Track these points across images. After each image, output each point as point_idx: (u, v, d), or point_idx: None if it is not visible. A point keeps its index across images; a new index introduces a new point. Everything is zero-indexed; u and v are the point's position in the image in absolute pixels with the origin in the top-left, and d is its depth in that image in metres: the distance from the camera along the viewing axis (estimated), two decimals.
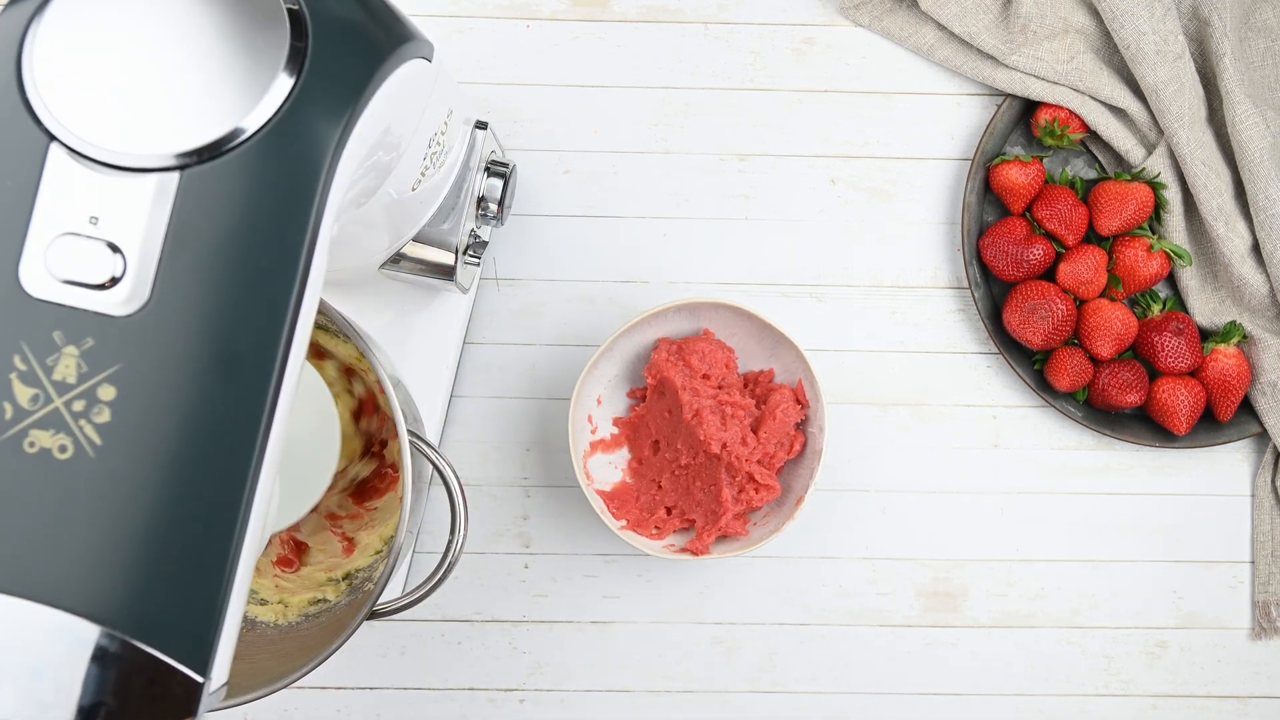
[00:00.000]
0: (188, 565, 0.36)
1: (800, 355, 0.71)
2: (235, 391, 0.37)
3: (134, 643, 0.35)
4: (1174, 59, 0.74)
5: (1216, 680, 0.77)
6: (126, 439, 0.36)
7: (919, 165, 0.79)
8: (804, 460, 0.73)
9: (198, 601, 0.36)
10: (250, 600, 0.69)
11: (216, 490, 0.37)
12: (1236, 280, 0.75)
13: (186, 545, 0.36)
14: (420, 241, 0.66)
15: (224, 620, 0.37)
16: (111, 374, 0.36)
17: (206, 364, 0.37)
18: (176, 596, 0.36)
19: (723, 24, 0.79)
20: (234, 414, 0.37)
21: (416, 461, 0.60)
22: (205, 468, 0.37)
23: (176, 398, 0.37)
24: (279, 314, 0.38)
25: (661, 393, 0.73)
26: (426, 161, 0.55)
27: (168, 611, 0.35)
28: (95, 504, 0.36)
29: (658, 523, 0.73)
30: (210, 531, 0.37)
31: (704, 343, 0.72)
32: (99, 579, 0.35)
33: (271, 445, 0.38)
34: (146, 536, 0.36)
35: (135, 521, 0.36)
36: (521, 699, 0.77)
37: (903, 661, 0.77)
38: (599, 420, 0.75)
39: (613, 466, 0.75)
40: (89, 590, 0.35)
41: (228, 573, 0.37)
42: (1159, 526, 0.78)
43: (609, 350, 0.72)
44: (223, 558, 0.37)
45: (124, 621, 0.35)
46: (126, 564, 0.35)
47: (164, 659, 0.35)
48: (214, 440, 0.37)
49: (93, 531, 0.35)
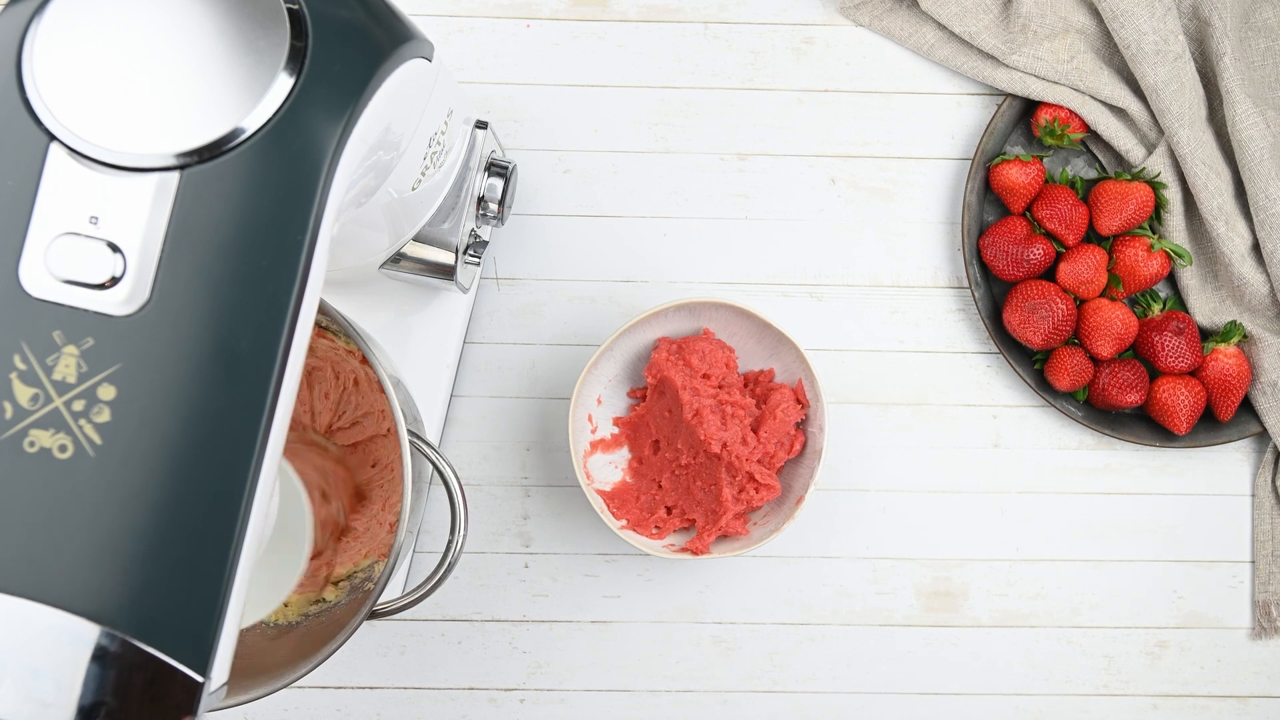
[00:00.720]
0: (188, 565, 0.36)
1: (800, 355, 0.71)
2: (236, 391, 0.37)
3: (134, 642, 0.34)
4: (1174, 59, 0.74)
5: (1216, 680, 0.77)
6: (126, 438, 0.36)
7: (919, 165, 0.79)
8: (804, 460, 0.73)
9: (197, 601, 0.36)
10: (249, 600, 0.69)
11: (216, 490, 0.37)
12: (1237, 280, 0.75)
13: (186, 545, 0.36)
14: (420, 241, 0.66)
15: (224, 620, 0.36)
16: (111, 374, 0.36)
17: (207, 363, 0.37)
18: (176, 596, 0.36)
19: (723, 24, 0.79)
20: (234, 413, 0.37)
21: (416, 461, 0.60)
22: (205, 467, 0.37)
23: (177, 397, 0.37)
24: (279, 313, 0.38)
25: (661, 392, 0.73)
26: (427, 161, 0.55)
27: (168, 611, 0.35)
28: (95, 504, 0.36)
29: (658, 522, 0.73)
30: (210, 531, 0.37)
31: (704, 342, 0.72)
32: (99, 578, 0.35)
33: (272, 445, 0.38)
34: (146, 536, 0.36)
35: (135, 521, 0.36)
36: (521, 699, 0.77)
37: (903, 661, 0.77)
38: (599, 420, 0.75)
39: (613, 466, 0.75)
40: (89, 589, 0.35)
41: (228, 573, 0.37)
42: (1159, 526, 0.78)
43: (609, 350, 0.72)
44: (223, 558, 0.36)
45: (124, 621, 0.35)
46: (126, 563, 0.35)
47: (164, 658, 0.35)
48: (214, 440, 0.37)
49: (92, 531, 0.35)
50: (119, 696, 0.34)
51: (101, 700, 0.34)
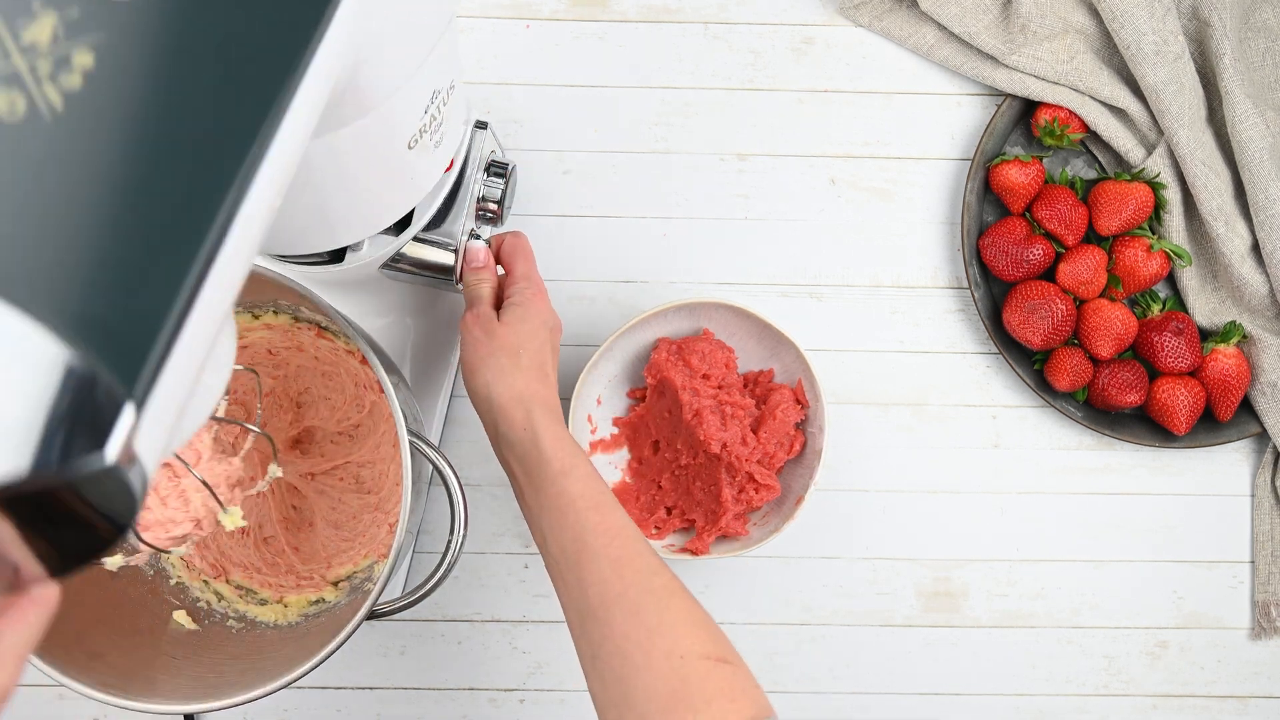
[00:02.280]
0: (137, 271, 0.31)
1: (800, 355, 0.71)
2: (233, 97, 0.33)
3: (60, 334, 0.29)
4: (1174, 59, 0.74)
5: (1216, 680, 0.77)
6: (94, 111, 0.31)
7: (919, 165, 0.79)
8: (804, 460, 0.73)
9: (142, 310, 0.31)
10: (250, 600, 0.69)
11: (186, 201, 0.32)
12: (1236, 280, 0.75)
13: (139, 249, 0.31)
14: (420, 241, 0.66)
15: (170, 352, 0.31)
16: (93, 42, 0.32)
17: (208, 59, 0.33)
18: (117, 297, 0.30)
19: (723, 24, 0.79)
20: (228, 121, 0.33)
21: (416, 461, 0.60)
22: (180, 170, 0.32)
23: (164, 85, 0.32)
24: (296, 30, 0.34)
25: (661, 393, 0.73)
26: (427, 117, 0.54)
27: (104, 310, 0.30)
28: (35, 175, 0.31)
29: (658, 522, 0.73)
30: (170, 243, 0.31)
31: (704, 343, 0.72)
32: (28, 259, 0.30)
33: (263, 180, 0.34)
34: (95, 225, 0.31)
35: (84, 204, 0.31)
36: (521, 699, 0.77)
37: (903, 661, 0.77)
38: (599, 420, 0.75)
39: (613, 467, 0.75)
40: (13, 271, 0.30)
41: (184, 296, 0.31)
42: (1159, 526, 0.78)
43: (609, 350, 0.72)
44: (179, 277, 0.31)
45: (54, 312, 0.29)
46: (64, 248, 0.30)
47: (89, 359, 0.29)
48: (199, 145, 0.33)
49: (28, 207, 0.30)
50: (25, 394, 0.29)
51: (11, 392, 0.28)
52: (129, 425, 0.30)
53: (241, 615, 0.68)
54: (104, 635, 0.62)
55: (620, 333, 0.71)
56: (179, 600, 0.68)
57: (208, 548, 0.70)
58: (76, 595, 0.62)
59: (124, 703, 0.57)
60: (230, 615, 0.68)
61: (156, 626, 0.65)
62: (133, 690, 0.58)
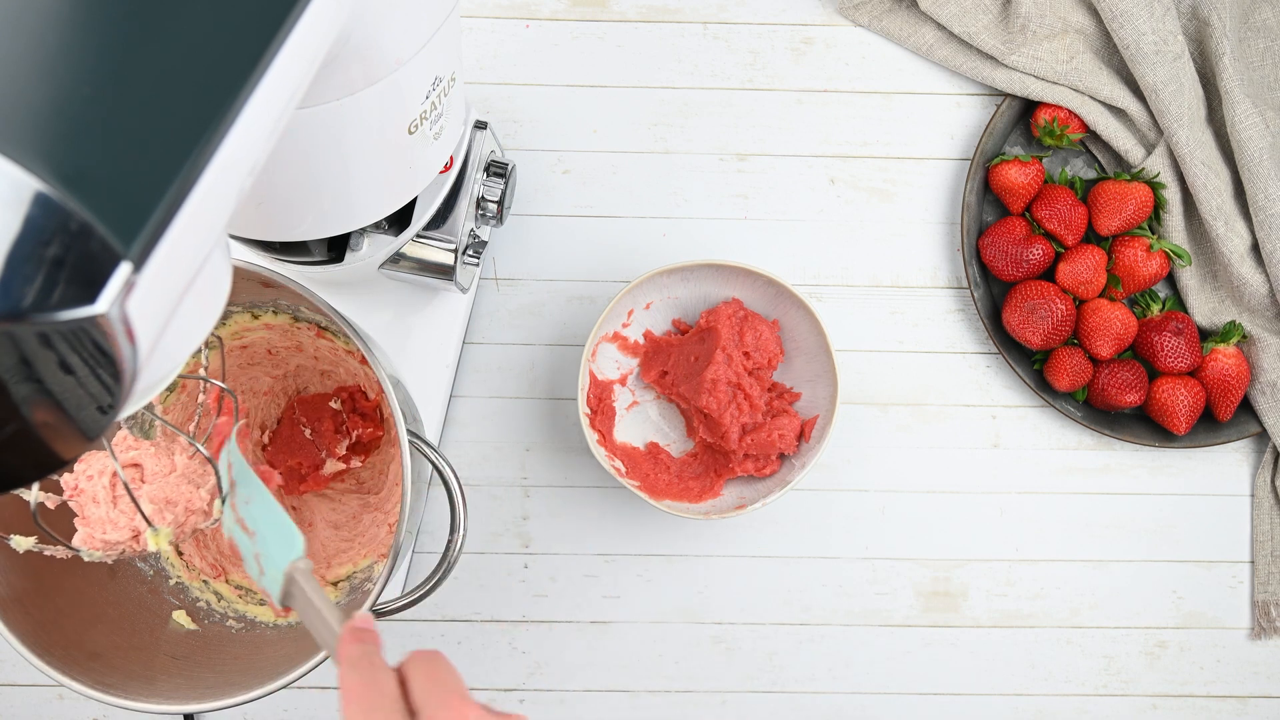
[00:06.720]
0: (144, 135, 0.30)
1: (834, 401, 0.70)
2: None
3: (57, 190, 0.28)
4: (1173, 59, 0.74)
5: (1216, 680, 0.77)
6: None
7: (919, 165, 0.79)
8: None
9: (147, 172, 0.30)
10: (249, 600, 0.69)
11: (207, 79, 0.31)
12: (1236, 280, 0.75)
13: (149, 113, 0.30)
14: (420, 241, 0.66)
15: (172, 219, 0.30)
16: None
17: None
18: (122, 157, 0.29)
19: (722, 24, 0.79)
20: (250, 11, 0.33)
21: (416, 461, 0.60)
22: (204, 43, 0.32)
23: None
24: None
25: (702, 339, 0.73)
26: (428, 103, 0.54)
27: (107, 167, 0.29)
28: (45, 26, 0.30)
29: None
30: (181, 113, 0.31)
31: (766, 328, 0.73)
32: (28, 118, 0.29)
33: (280, 67, 0.33)
34: (103, 82, 0.30)
35: (95, 57, 0.30)
36: (521, 699, 0.77)
37: (903, 661, 0.77)
38: (636, 320, 0.75)
39: (615, 366, 0.74)
40: (14, 127, 0.28)
41: (190, 167, 0.31)
42: (1159, 526, 0.78)
43: (690, 273, 0.72)
44: (188, 147, 0.30)
45: (51, 164, 0.28)
46: (69, 104, 0.29)
47: (86, 214, 0.28)
48: (223, 22, 0.32)
49: (38, 64, 0.29)
50: (27, 245, 0.27)
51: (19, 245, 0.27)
52: (124, 278, 0.29)
53: (241, 615, 0.68)
54: (104, 635, 0.62)
55: (717, 264, 0.71)
56: (179, 600, 0.68)
57: (207, 548, 0.70)
58: (77, 595, 0.62)
59: (124, 703, 0.57)
60: (230, 615, 0.68)
61: (156, 626, 0.65)
62: (133, 690, 0.58)
